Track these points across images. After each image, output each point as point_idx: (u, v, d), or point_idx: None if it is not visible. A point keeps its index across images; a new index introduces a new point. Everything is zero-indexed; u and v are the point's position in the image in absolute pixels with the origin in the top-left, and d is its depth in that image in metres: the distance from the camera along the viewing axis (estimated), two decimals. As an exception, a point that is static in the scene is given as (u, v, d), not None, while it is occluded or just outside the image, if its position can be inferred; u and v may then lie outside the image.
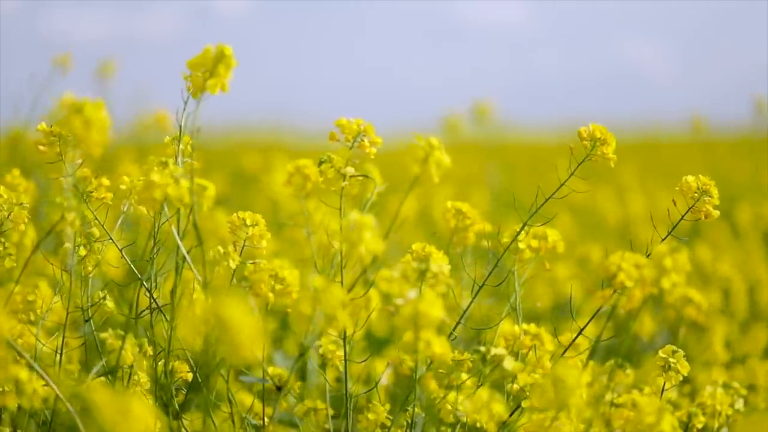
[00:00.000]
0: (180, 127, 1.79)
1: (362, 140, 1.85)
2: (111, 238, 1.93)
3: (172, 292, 1.80)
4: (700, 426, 2.00)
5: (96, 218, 1.92)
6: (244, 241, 1.87)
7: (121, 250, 1.93)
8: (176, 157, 1.81)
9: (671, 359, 1.92)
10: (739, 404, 2.06)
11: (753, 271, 3.67)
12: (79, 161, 1.77)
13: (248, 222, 1.89)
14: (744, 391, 2.08)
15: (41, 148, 1.79)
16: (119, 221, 1.96)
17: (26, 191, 1.98)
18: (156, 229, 1.85)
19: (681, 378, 1.92)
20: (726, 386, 2.07)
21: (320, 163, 1.85)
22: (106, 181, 1.90)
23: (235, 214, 1.90)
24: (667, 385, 1.91)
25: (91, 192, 1.89)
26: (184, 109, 1.75)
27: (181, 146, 1.81)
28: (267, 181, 4.17)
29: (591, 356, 1.82)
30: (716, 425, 2.01)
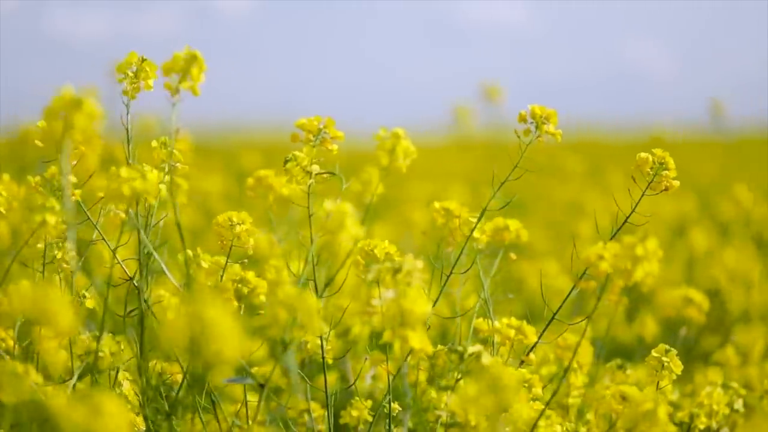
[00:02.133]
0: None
1: (324, 137, 1.83)
2: (104, 239, 1.92)
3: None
4: (702, 427, 1.98)
5: (90, 218, 1.91)
6: (232, 240, 1.86)
7: (113, 251, 1.91)
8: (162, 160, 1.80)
9: (664, 358, 1.89)
10: (738, 404, 2.05)
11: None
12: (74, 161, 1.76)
13: (235, 221, 1.88)
14: (743, 391, 2.07)
15: (39, 143, 1.77)
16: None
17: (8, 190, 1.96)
18: (148, 229, 1.84)
19: (675, 377, 1.89)
20: (725, 386, 2.06)
21: (285, 162, 1.83)
22: (73, 179, 1.87)
23: (221, 215, 1.89)
24: (661, 384, 1.89)
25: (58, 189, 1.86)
26: (171, 113, 1.74)
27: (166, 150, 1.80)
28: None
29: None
30: (714, 425, 2.00)
